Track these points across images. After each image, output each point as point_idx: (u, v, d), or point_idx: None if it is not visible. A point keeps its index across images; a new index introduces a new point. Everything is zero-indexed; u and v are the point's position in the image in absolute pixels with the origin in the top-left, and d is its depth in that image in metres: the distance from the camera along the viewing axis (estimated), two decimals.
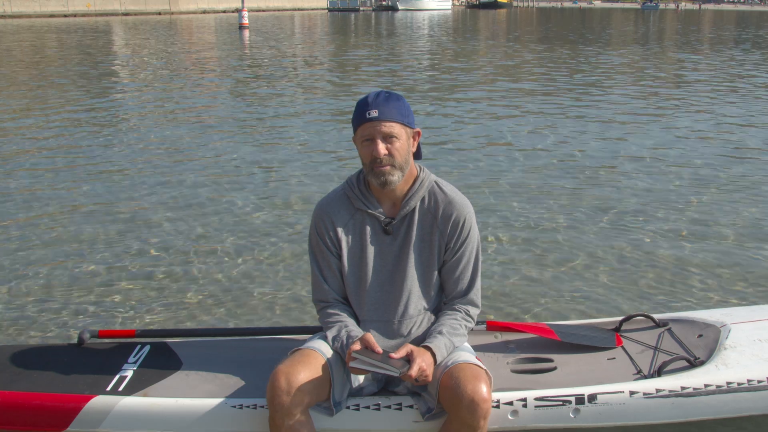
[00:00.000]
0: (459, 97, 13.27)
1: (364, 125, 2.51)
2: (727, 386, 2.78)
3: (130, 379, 2.86)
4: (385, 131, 2.49)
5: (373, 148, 2.50)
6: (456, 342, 2.62)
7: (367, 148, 2.52)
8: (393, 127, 2.50)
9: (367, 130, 2.51)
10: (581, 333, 3.17)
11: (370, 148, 2.51)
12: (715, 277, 4.67)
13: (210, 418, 2.69)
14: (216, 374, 2.89)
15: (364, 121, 2.50)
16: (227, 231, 5.52)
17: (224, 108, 11.84)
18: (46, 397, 2.74)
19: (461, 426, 2.45)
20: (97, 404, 2.71)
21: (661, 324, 3.26)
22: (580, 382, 2.82)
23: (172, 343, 3.17)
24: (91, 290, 4.46)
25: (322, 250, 2.67)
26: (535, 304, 4.28)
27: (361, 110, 2.52)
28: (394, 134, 2.50)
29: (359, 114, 2.53)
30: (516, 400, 2.71)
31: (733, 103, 12.57)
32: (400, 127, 2.52)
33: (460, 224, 2.63)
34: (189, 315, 4.13)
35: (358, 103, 2.56)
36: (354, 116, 2.56)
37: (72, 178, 6.99)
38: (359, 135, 2.54)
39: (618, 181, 7.06)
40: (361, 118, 2.52)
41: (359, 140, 2.55)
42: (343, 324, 2.62)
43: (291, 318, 4.10)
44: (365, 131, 2.51)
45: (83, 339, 3.13)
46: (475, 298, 2.72)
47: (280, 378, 2.43)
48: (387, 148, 2.50)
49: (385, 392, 2.73)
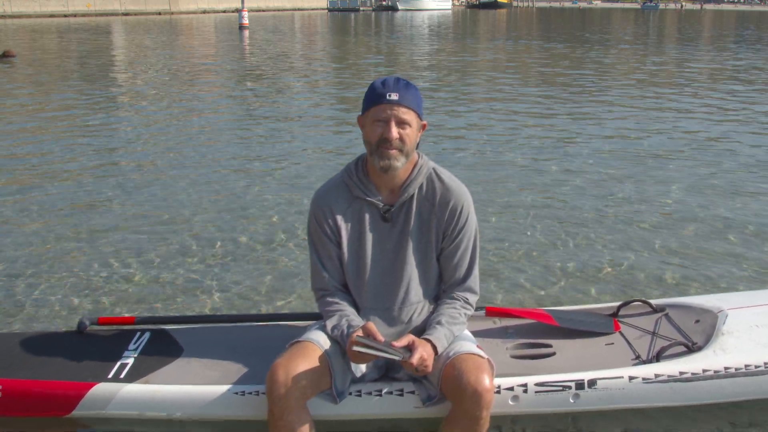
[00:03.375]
0: (459, 96, 13.28)
1: (381, 105, 2.52)
2: (725, 371, 2.81)
3: (131, 366, 2.88)
4: (401, 116, 2.51)
5: (386, 129, 2.51)
6: (455, 331, 2.63)
7: (377, 128, 2.53)
8: (408, 113, 2.53)
9: (383, 111, 2.51)
10: (579, 318, 3.19)
11: (382, 128, 2.52)
12: (712, 263, 4.69)
13: (213, 404, 2.71)
14: (217, 361, 2.90)
15: (382, 101, 2.51)
16: (226, 219, 5.54)
17: (223, 108, 11.86)
18: (50, 385, 2.77)
19: (464, 416, 2.47)
20: (100, 391, 2.75)
21: (658, 309, 3.28)
22: (578, 367, 2.84)
23: (172, 330, 3.18)
24: (89, 277, 4.44)
25: (321, 239, 2.68)
26: (533, 290, 4.30)
27: (379, 91, 2.53)
28: (408, 120, 2.53)
29: (376, 94, 2.53)
30: (517, 386, 2.74)
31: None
32: (414, 115, 2.55)
33: (458, 211, 2.65)
34: (188, 302, 4.13)
35: (374, 83, 2.57)
36: (368, 96, 2.56)
37: (74, 170, 7.02)
38: (371, 114, 2.54)
39: (616, 168, 7.17)
40: (378, 99, 2.52)
41: (370, 120, 2.55)
42: (343, 313, 2.63)
43: (292, 305, 4.10)
44: (380, 112, 2.52)
45: (83, 326, 3.14)
46: (474, 285, 2.73)
47: (278, 371, 2.44)
48: (399, 132, 2.52)
49: (386, 379, 2.74)
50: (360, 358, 2.48)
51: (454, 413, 2.52)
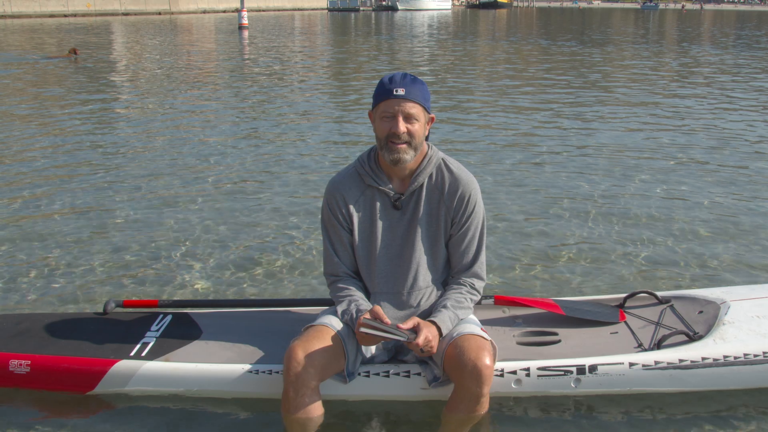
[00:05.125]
0: (459, 95, 13.34)
1: (389, 101, 2.61)
2: (724, 359, 2.88)
3: (152, 346, 3.02)
4: (408, 111, 2.60)
5: (393, 124, 2.60)
6: (461, 315, 2.73)
7: (386, 123, 2.62)
8: (415, 107, 2.62)
9: (390, 106, 2.61)
10: (586, 308, 3.28)
11: (390, 123, 2.61)
12: (718, 257, 4.76)
13: (227, 381, 2.84)
14: (233, 342, 3.04)
15: (390, 96, 2.60)
16: (243, 213, 5.67)
17: (224, 106, 11.91)
18: (74, 361, 2.91)
19: (465, 393, 2.57)
20: (122, 368, 2.88)
21: (663, 301, 3.36)
22: (582, 354, 2.93)
23: (193, 314, 3.32)
24: (116, 263, 4.64)
25: (334, 225, 2.78)
26: (542, 281, 4.38)
27: (386, 86, 2.62)
28: (415, 115, 2.61)
29: (385, 90, 2.62)
30: (519, 370, 2.82)
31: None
32: (421, 109, 2.64)
33: (466, 199, 2.74)
34: (209, 287, 4.27)
35: (382, 79, 2.66)
36: (377, 91, 2.65)
37: (83, 163, 7.10)
38: (380, 110, 2.64)
39: (626, 163, 7.31)
40: (386, 94, 2.62)
41: (379, 115, 2.65)
42: (353, 298, 2.73)
43: (307, 291, 4.22)
44: (388, 107, 2.61)
45: (108, 308, 3.29)
46: (480, 271, 2.82)
47: (297, 352, 2.55)
48: (407, 127, 2.61)
49: (394, 361, 2.85)
50: (367, 339, 2.60)
51: (455, 393, 2.63)
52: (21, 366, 2.91)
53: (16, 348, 2.98)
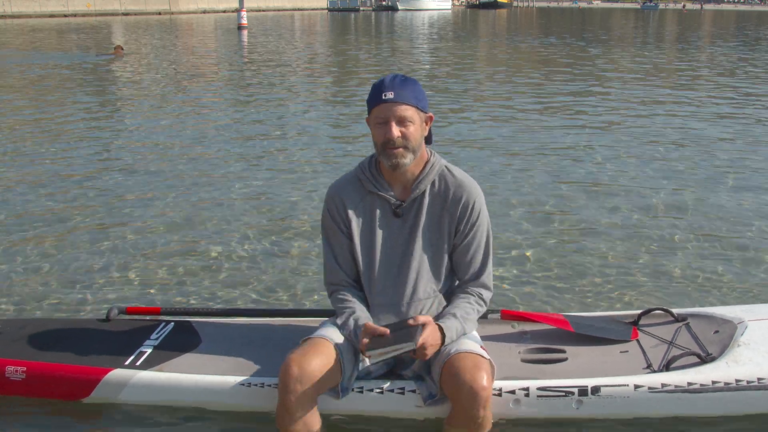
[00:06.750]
0: (459, 95, 13.25)
1: (380, 106, 2.53)
2: (736, 383, 2.71)
3: (148, 355, 2.98)
4: (400, 114, 2.51)
5: (387, 129, 2.51)
6: (467, 328, 2.64)
7: (380, 130, 2.54)
8: (407, 110, 2.52)
9: (381, 111, 2.52)
10: (597, 325, 3.13)
11: (384, 129, 2.52)
12: (742, 273, 4.53)
13: (219, 393, 2.78)
14: (232, 354, 2.98)
15: (380, 102, 2.52)
16: (246, 220, 5.60)
17: (223, 106, 11.84)
18: (70, 369, 2.88)
19: (462, 414, 2.48)
20: (115, 377, 2.85)
21: (680, 319, 3.20)
22: (587, 373, 2.79)
23: (195, 323, 3.27)
24: (123, 269, 4.58)
25: (334, 232, 2.71)
26: (555, 296, 4.21)
27: (376, 91, 2.54)
28: (408, 117, 2.52)
29: (375, 95, 2.54)
30: (518, 389, 2.70)
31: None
32: (415, 110, 2.54)
33: (470, 207, 2.65)
34: (215, 296, 4.22)
35: (374, 84, 2.58)
36: (369, 97, 2.58)
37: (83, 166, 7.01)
38: (374, 116, 2.56)
39: (640, 176, 6.93)
40: (376, 99, 2.54)
41: (373, 121, 2.57)
42: (351, 311, 2.65)
43: (315, 301, 4.15)
44: (380, 112, 2.53)
45: (111, 315, 3.26)
46: (488, 281, 2.74)
47: (292, 366, 2.46)
48: (401, 131, 2.52)
49: (391, 375, 2.75)
50: (379, 361, 2.53)
51: (453, 413, 2.53)
52: (17, 372, 2.89)
53: (14, 354, 2.95)
